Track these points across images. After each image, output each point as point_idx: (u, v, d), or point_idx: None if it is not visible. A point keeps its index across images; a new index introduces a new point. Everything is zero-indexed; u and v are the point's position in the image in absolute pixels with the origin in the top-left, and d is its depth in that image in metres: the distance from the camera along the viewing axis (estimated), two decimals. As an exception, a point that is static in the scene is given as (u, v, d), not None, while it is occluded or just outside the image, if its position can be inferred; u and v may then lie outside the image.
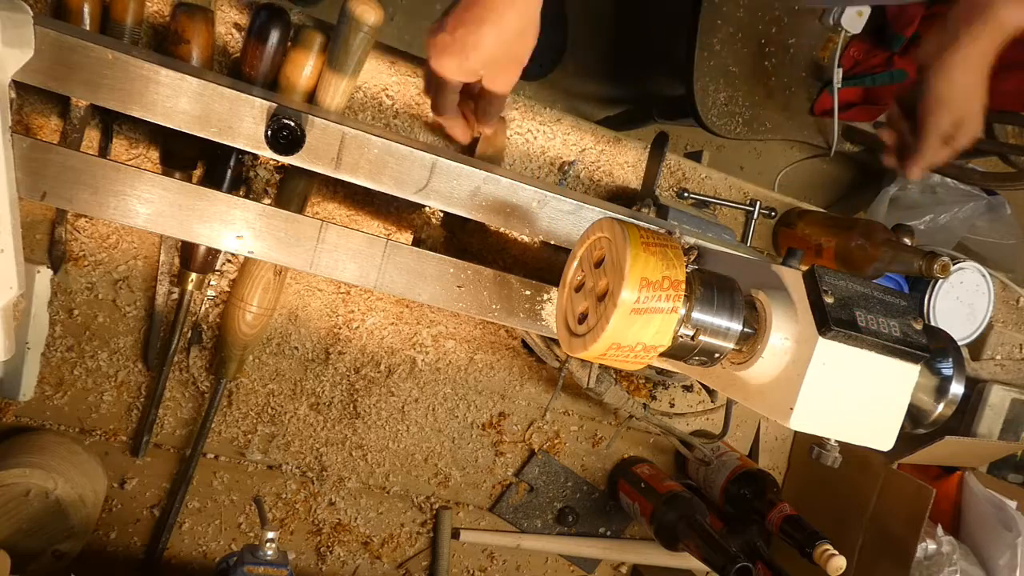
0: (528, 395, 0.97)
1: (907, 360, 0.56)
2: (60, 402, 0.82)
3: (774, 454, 1.11)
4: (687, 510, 0.91)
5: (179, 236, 0.66)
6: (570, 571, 1.05)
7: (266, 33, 0.73)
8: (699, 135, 1.76)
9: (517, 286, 0.74)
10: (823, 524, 0.87)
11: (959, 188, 1.64)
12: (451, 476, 0.96)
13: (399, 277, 0.71)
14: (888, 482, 1.00)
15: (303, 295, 0.86)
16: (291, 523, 0.92)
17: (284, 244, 0.68)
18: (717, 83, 1.32)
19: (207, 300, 0.83)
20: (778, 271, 0.59)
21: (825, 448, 0.59)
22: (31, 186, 0.61)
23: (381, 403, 0.91)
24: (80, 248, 0.79)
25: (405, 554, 0.97)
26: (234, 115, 0.64)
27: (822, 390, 0.55)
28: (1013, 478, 1.22)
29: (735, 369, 0.59)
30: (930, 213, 1.64)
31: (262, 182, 0.78)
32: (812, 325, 0.54)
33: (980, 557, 1.04)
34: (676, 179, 0.98)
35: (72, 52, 0.60)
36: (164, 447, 0.86)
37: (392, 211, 0.85)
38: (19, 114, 0.73)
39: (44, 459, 0.75)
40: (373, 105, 0.84)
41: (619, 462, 1.04)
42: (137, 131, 0.78)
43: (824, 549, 0.82)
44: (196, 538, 0.89)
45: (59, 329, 0.80)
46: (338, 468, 0.92)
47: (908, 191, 1.69)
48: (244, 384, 0.86)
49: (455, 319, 0.92)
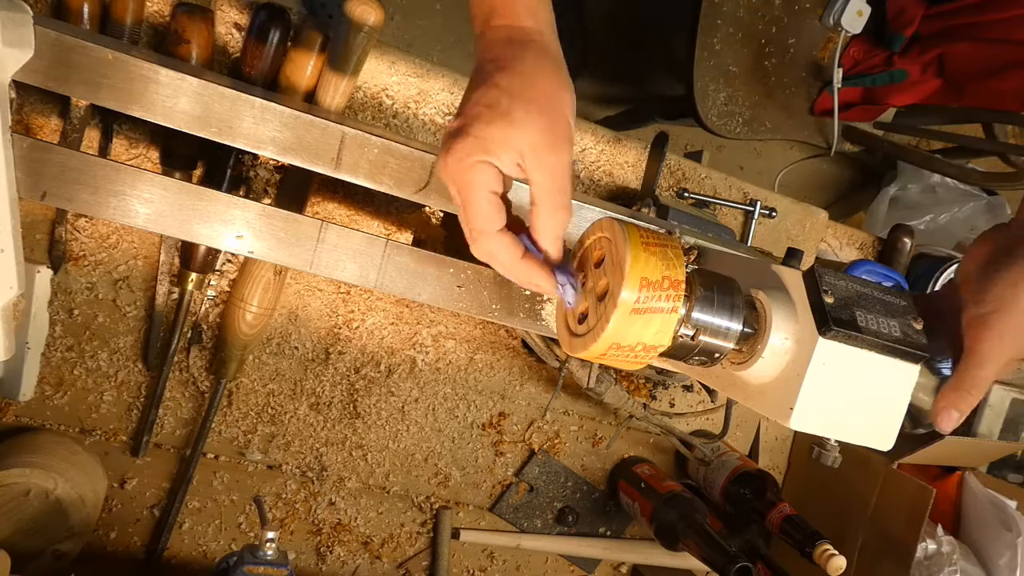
0: (528, 395, 0.97)
1: (907, 360, 0.56)
2: (60, 402, 0.82)
3: (774, 454, 1.11)
4: (687, 510, 0.91)
5: (179, 236, 0.66)
6: (570, 571, 1.05)
7: (266, 33, 0.73)
8: (699, 135, 1.76)
9: (517, 286, 0.74)
10: (823, 524, 0.87)
11: (959, 188, 1.64)
12: (451, 476, 0.96)
13: (399, 277, 0.71)
14: (888, 482, 1.00)
15: (303, 295, 0.86)
16: (291, 523, 0.91)
17: (284, 244, 0.68)
18: (717, 83, 1.32)
19: (207, 300, 0.83)
20: (778, 271, 0.59)
21: (825, 448, 0.59)
22: (31, 186, 0.61)
23: (381, 403, 0.91)
24: (80, 248, 0.79)
25: (405, 554, 0.97)
26: (234, 115, 0.64)
27: (822, 390, 0.55)
28: (1013, 478, 1.22)
29: (735, 369, 0.59)
30: (930, 213, 1.65)
31: (262, 182, 0.78)
32: (812, 325, 0.54)
33: (980, 557, 1.04)
34: (676, 179, 0.98)
35: (72, 52, 0.60)
36: (164, 447, 0.86)
37: (392, 211, 0.85)
38: (19, 114, 0.73)
39: (44, 459, 0.75)
40: (373, 105, 0.84)
41: (619, 462, 1.04)
42: (137, 131, 0.78)
43: (824, 549, 0.82)
44: (196, 538, 0.89)
45: (59, 329, 0.80)
46: (338, 468, 0.92)
47: (908, 191, 1.69)
48: (244, 384, 0.86)
49: (455, 319, 0.92)
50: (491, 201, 0.52)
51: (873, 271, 1.04)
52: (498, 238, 0.53)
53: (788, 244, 1.06)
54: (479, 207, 0.52)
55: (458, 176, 0.51)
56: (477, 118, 0.50)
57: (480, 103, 0.51)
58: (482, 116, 0.50)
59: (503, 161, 0.51)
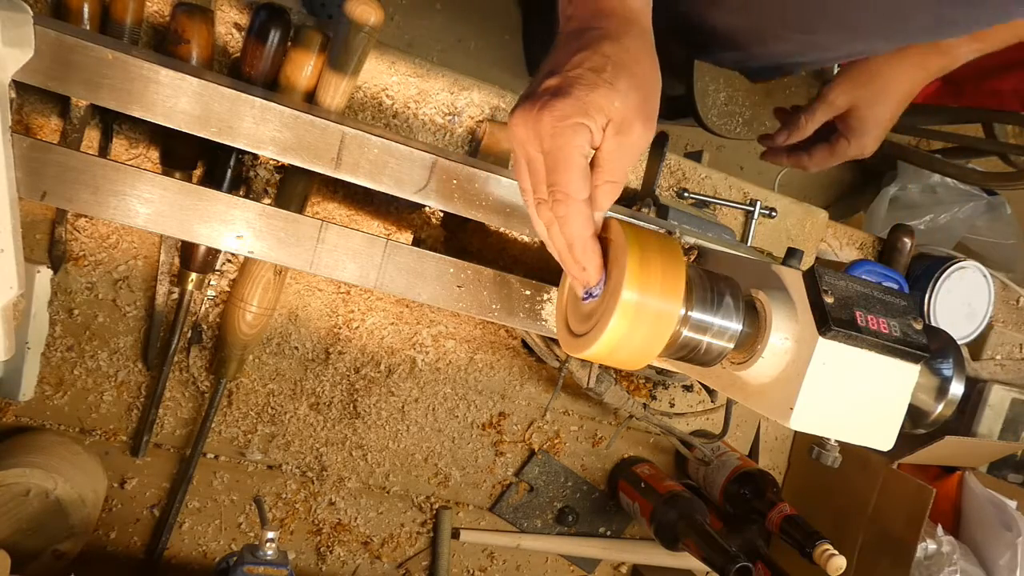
0: (528, 395, 0.97)
1: (907, 360, 0.56)
2: (60, 402, 0.82)
3: (774, 454, 1.11)
4: (687, 510, 0.91)
5: (179, 236, 0.66)
6: (570, 571, 1.05)
7: (266, 33, 0.73)
8: (699, 135, 1.76)
9: (517, 286, 0.74)
10: (823, 524, 0.87)
11: (959, 188, 1.64)
12: (451, 476, 0.96)
13: (399, 277, 0.71)
14: (888, 482, 1.00)
15: (303, 295, 0.86)
16: (291, 523, 0.91)
17: (284, 244, 0.68)
18: (717, 83, 1.32)
19: (207, 300, 0.83)
20: (778, 271, 0.59)
21: (825, 448, 0.59)
22: (31, 186, 0.61)
23: (381, 403, 0.91)
24: (80, 248, 0.79)
25: (405, 554, 0.97)
26: (234, 115, 0.64)
27: (822, 390, 0.55)
28: (1013, 478, 1.22)
29: (735, 369, 0.59)
30: (930, 213, 1.65)
31: (262, 182, 0.78)
32: (812, 325, 0.54)
33: (980, 557, 1.04)
34: (676, 179, 0.98)
35: (72, 52, 0.60)
36: (164, 447, 0.86)
37: (392, 211, 0.85)
38: (19, 114, 0.73)
39: (44, 459, 0.75)
40: (373, 105, 0.84)
41: (619, 462, 1.04)
42: (137, 131, 0.78)
43: (824, 549, 0.82)
44: (196, 538, 0.89)
45: (59, 329, 0.80)
46: (338, 468, 0.92)
47: (908, 191, 1.69)
48: (244, 384, 0.86)
49: (455, 319, 0.92)
50: (585, 166, 0.52)
51: (873, 271, 1.04)
52: (583, 207, 0.52)
53: (788, 244, 1.06)
54: (576, 169, 0.51)
55: (555, 135, 0.50)
56: (579, 80, 0.50)
57: (583, 66, 0.51)
58: (585, 79, 0.50)
59: (598, 127, 0.51)
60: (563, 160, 0.51)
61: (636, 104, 0.51)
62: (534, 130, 0.51)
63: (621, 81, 0.51)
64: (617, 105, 0.50)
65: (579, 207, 0.52)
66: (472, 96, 0.87)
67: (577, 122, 0.50)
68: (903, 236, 1.12)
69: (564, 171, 0.51)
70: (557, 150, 0.50)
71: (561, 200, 0.52)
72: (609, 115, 0.51)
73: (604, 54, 0.51)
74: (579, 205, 0.52)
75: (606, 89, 0.50)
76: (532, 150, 0.52)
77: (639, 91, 0.52)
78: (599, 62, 0.51)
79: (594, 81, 0.50)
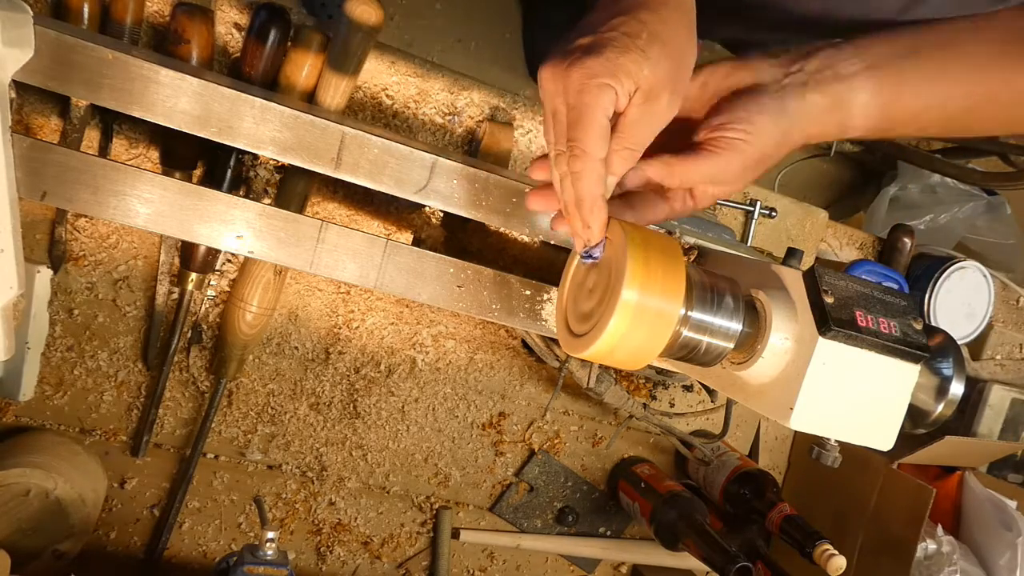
0: (528, 395, 0.97)
1: (907, 360, 0.56)
2: (60, 402, 0.82)
3: (774, 454, 1.11)
4: (687, 510, 0.91)
5: (179, 236, 0.66)
6: (570, 571, 1.05)
7: (266, 33, 0.73)
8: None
9: (517, 286, 0.74)
10: (823, 524, 0.87)
11: (959, 188, 1.64)
12: (451, 476, 0.96)
13: (399, 277, 0.71)
14: (888, 482, 1.00)
15: (303, 295, 0.86)
16: (291, 523, 0.91)
17: (284, 244, 0.68)
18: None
19: (207, 300, 0.83)
20: (778, 271, 0.59)
21: (825, 448, 0.59)
22: (31, 186, 0.61)
23: (381, 403, 0.91)
24: (80, 248, 0.79)
25: (405, 554, 0.97)
26: (234, 115, 0.64)
27: (822, 390, 0.55)
28: (1013, 478, 1.22)
29: (735, 369, 0.59)
30: (930, 213, 1.64)
31: (262, 182, 0.78)
32: (812, 325, 0.54)
33: (980, 557, 1.04)
34: (676, 179, 0.98)
35: (72, 52, 0.60)
36: (164, 447, 0.86)
37: (392, 211, 0.85)
38: (19, 114, 0.73)
39: (44, 459, 0.75)
40: (373, 105, 0.84)
41: (619, 462, 1.04)
42: (137, 131, 0.78)
43: (824, 549, 0.82)
44: (196, 538, 0.89)
45: (59, 329, 0.80)
46: (338, 468, 0.92)
47: (908, 191, 1.69)
48: (244, 384, 0.86)
49: (455, 319, 0.92)
50: (606, 125, 0.52)
51: (873, 271, 1.04)
52: (598, 165, 0.53)
53: (788, 244, 1.06)
54: (596, 127, 0.51)
55: (582, 91, 0.51)
56: (612, 42, 0.51)
57: (619, 29, 0.51)
58: (618, 42, 0.51)
59: (624, 91, 0.51)
60: (586, 116, 0.51)
61: (666, 74, 0.52)
62: (562, 83, 0.52)
63: (654, 49, 0.51)
64: (646, 73, 0.51)
65: (594, 165, 0.53)
66: (472, 96, 0.87)
67: (603, 82, 0.50)
68: (903, 236, 1.12)
69: (585, 127, 0.51)
70: (582, 106, 0.51)
71: (578, 156, 0.52)
72: (637, 81, 0.51)
73: (641, 20, 0.52)
74: (594, 163, 0.52)
75: (637, 55, 0.51)
76: (559, 103, 0.53)
77: (670, 61, 0.52)
78: (635, 28, 0.51)
79: (627, 45, 0.51)
